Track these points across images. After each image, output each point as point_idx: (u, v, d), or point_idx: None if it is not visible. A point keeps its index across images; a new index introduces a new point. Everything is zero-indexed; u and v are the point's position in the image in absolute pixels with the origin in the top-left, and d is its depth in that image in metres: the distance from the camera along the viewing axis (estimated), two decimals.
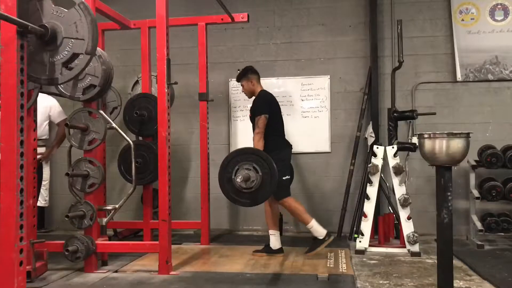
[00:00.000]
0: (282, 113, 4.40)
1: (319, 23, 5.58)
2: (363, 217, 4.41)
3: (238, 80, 4.48)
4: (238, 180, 3.42)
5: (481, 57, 5.23)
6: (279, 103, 4.38)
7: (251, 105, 4.39)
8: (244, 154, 3.60)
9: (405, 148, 4.51)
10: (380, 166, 4.41)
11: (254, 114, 4.21)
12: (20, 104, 2.51)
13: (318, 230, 4.14)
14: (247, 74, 4.39)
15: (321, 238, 4.12)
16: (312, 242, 4.18)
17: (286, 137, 4.39)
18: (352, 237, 4.97)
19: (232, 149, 5.61)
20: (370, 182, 4.41)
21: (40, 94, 3.67)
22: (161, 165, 3.65)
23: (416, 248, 4.22)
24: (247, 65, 4.53)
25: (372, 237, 4.47)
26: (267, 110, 4.15)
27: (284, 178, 4.10)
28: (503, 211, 4.90)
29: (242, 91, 4.52)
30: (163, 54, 3.63)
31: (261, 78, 5.59)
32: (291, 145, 4.37)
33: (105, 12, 4.39)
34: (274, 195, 4.04)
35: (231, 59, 5.70)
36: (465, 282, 3.36)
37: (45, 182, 5.25)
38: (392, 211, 4.84)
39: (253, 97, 4.39)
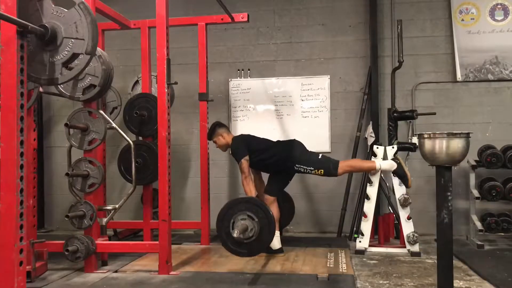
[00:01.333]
0: (263, 136, 4.44)
1: (319, 23, 5.58)
2: (363, 217, 4.41)
3: (209, 139, 4.53)
4: (235, 235, 3.35)
5: (481, 57, 5.23)
6: (279, 103, 4.38)
7: (250, 105, 4.39)
8: (236, 205, 3.54)
9: (405, 148, 4.51)
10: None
11: (237, 161, 4.24)
12: (20, 104, 2.51)
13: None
14: (215, 131, 4.43)
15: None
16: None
17: (286, 138, 4.40)
18: (352, 237, 4.97)
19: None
20: (370, 182, 4.41)
21: None
22: (161, 165, 3.65)
23: (416, 248, 4.22)
24: (213, 122, 4.52)
25: (372, 237, 4.47)
26: (243, 152, 4.18)
27: (319, 157, 4.18)
28: (503, 211, 4.89)
29: (217, 147, 4.52)
30: (163, 54, 3.63)
31: (261, 78, 5.64)
32: (294, 139, 4.39)
33: (105, 12, 4.39)
34: (329, 174, 4.13)
35: (231, 59, 5.70)
36: (465, 282, 3.36)
37: None
38: (392, 211, 4.84)
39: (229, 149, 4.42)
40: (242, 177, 4.14)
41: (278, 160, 4.21)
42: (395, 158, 4.26)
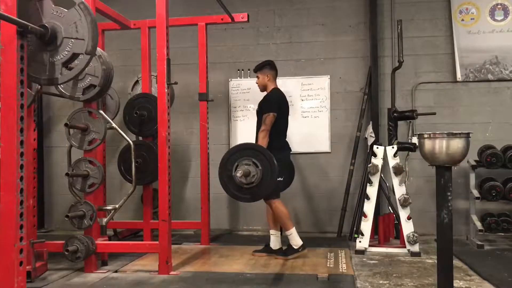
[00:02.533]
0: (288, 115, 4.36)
1: (319, 23, 5.58)
2: (363, 217, 4.41)
3: (255, 71, 4.40)
4: (238, 175, 3.40)
5: (481, 57, 5.23)
6: None
7: (250, 105, 4.36)
8: (243, 149, 3.59)
9: (405, 148, 4.51)
10: (380, 166, 4.41)
11: (262, 110, 4.17)
12: (20, 104, 2.51)
13: (295, 239, 4.11)
14: (264, 68, 4.32)
15: (295, 247, 4.09)
16: (286, 248, 4.15)
17: (287, 138, 4.38)
18: (352, 237, 4.97)
19: None
20: (370, 182, 4.41)
21: None
22: (161, 165, 3.65)
23: (416, 248, 4.22)
24: (268, 59, 4.45)
25: (372, 237, 4.47)
26: (276, 108, 4.12)
27: (278, 179, 3.98)
28: (503, 211, 4.89)
29: (256, 83, 4.43)
30: (163, 54, 3.63)
31: None
32: (291, 149, 4.35)
33: (105, 12, 4.38)
34: (264, 193, 3.92)
35: (231, 59, 5.70)
36: (465, 282, 3.36)
37: None
38: (392, 211, 4.84)
39: (265, 92, 4.35)
40: (262, 128, 4.03)
41: (274, 148, 4.02)
42: (302, 246, 4.08)
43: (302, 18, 5.60)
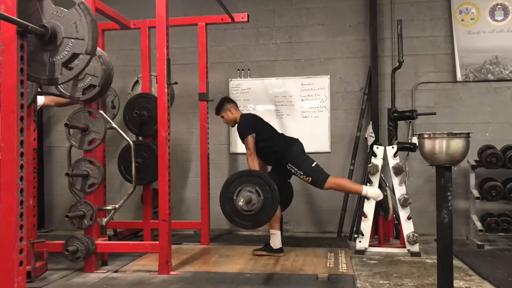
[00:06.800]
0: (270, 121, 4.47)
1: (319, 23, 5.58)
2: (363, 217, 4.41)
3: (217, 113, 4.51)
4: (240, 203, 3.39)
5: (481, 57, 5.23)
6: (279, 103, 4.38)
7: (250, 105, 4.38)
8: (249, 176, 3.59)
9: (405, 148, 4.51)
10: (380, 166, 4.41)
11: (242, 139, 4.27)
12: (20, 104, 2.51)
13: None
14: (223, 106, 4.43)
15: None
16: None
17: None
18: (352, 237, 4.97)
19: (232, 149, 5.62)
20: (370, 182, 4.41)
21: None
22: (161, 165, 3.65)
23: (416, 248, 4.22)
24: (222, 97, 4.57)
25: (372, 237, 4.47)
26: (251, 130, 4.20)
27: (313, 165, 4.14)
28: (503, 211, 4.89)
29: (224, 122, 4.55)
30: (163, 54, 3.62)
31: (261, 78, 5.63)
32: (297, 139, 4.37)
33: (105, 12, 4.38)
34: (316, 184, 4.12)
35: (231, 59, 5.70)
36: (465, 282, 3.36)
37: None
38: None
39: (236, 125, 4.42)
40: (248, 153, 4.15)
41: (274, 152, 4.22)
42: (383, 190, 4.18)
43: (302, 18, 5.60)
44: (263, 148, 4.24)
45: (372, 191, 4.16)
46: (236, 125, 4.39)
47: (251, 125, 4.25)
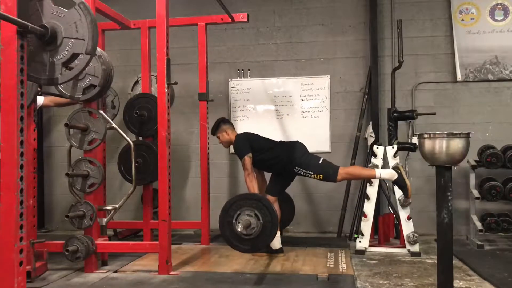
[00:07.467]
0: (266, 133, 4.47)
1: (319, 23, 5.58)
2: (363, 217, 4.41)
3: (212, 134, 4.50)
4: (239, 229, 3.35)
5: (481, 57, 5.23)
6: (279, 103, 4.37)
7: (250, 105, 4.38)
8: (247, 199, 3.54)
9: (405, 148, 4.51)
10: (380, 166, 4.41)
11: (240, 159, 4.26)
12: (20, 104, 2.51)
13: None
14: (219, 126, 4.42)
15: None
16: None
17: (287, 138, 4.40)
18: (352, 237, 4.97)
19: (232, 149, 5.61)
20: (370, 182, 4.41)
21: None
22: (161, 165, 3.65)
23: (416, 248, 4.22)
24: (218, 118, 4.54)
25: (372, 237, 4.47)
26: (247, 150, 4.18)
27: (320, 161, 4.10)
28: (503, 211, 4.90)
29: (220, 143, 4.53)
30: (163, 54, 3.62)
31: (261, 78, 5.63)
32: (297, 141, 4.35)
33: (105, 12, 4.38)
34: (328, 179, 4.07)
35: (231, 59, 5.70)
36: (465, 282, 3.36)
37: None
38: (392, 211, 4.84)
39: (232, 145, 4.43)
40: (245, 174, 4.14)
41: (279, 161, 4.20)
42: (396, 168, 4.09)
43: (302, 18, 5.60)
44: (267, 160, 4.24)
45: (386, 172, 4.07)
46: (232, 146, 4.40)
47: (246, 145, 4.22)
